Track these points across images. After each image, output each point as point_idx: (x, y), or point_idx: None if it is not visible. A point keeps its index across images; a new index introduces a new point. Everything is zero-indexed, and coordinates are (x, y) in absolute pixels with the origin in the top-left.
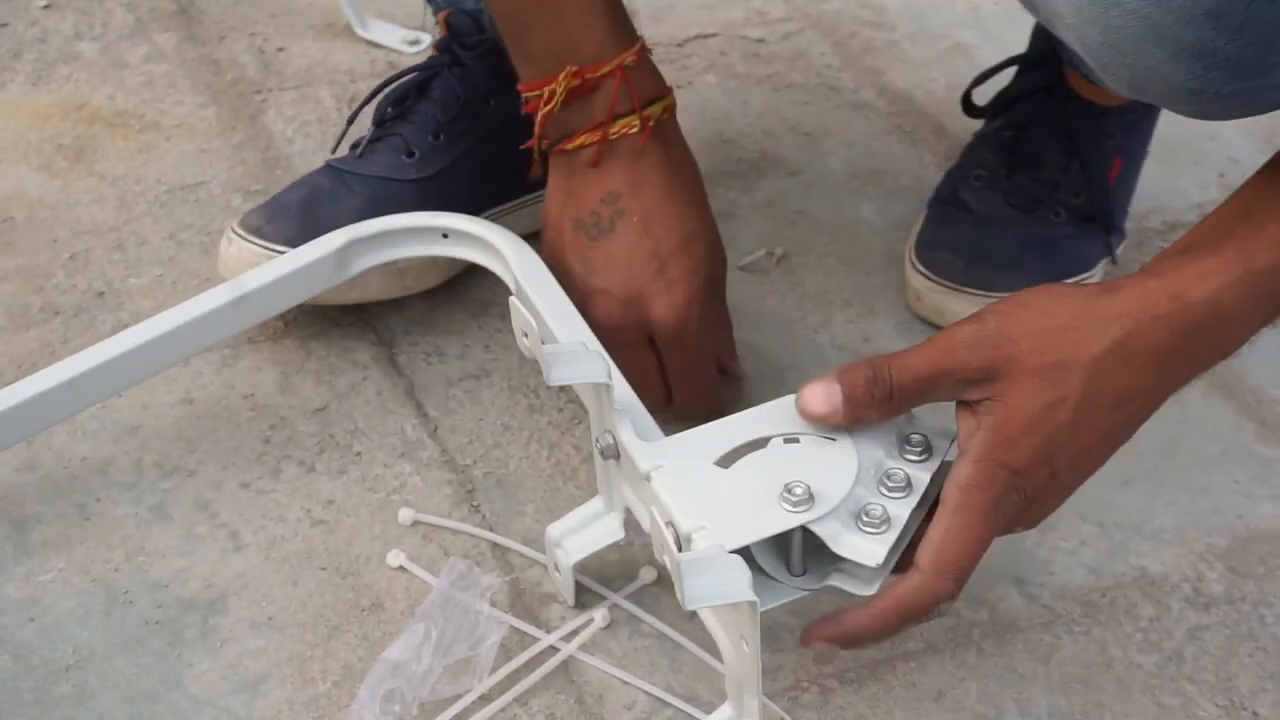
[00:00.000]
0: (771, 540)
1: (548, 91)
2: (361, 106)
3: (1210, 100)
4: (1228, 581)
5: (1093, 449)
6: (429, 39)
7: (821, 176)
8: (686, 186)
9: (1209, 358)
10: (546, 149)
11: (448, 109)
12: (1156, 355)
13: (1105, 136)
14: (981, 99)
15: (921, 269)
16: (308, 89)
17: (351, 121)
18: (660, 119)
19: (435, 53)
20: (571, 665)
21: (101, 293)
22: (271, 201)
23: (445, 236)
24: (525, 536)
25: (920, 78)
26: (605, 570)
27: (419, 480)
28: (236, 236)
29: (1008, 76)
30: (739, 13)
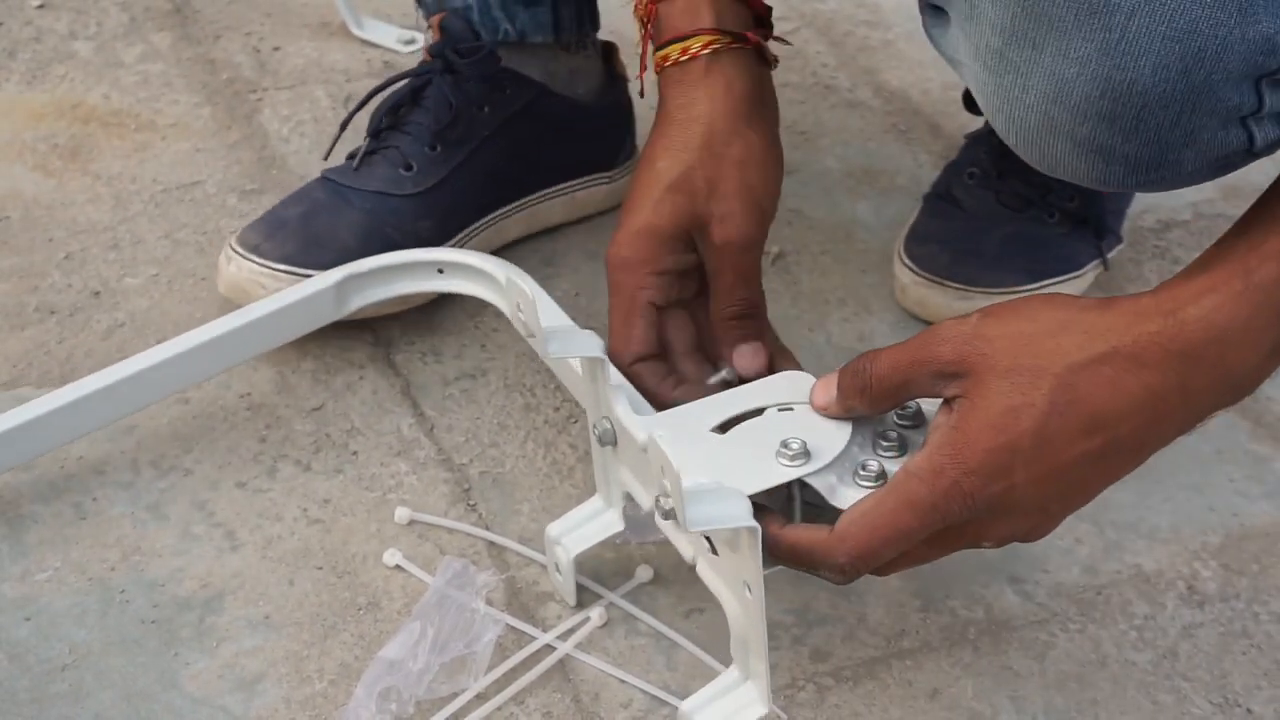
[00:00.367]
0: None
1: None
2: (354, 113)
3: (1118, 186)
4: (1222, 579)
5: (1063, 471)
6: (424, 39)
7: (817, 175)
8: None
9: (1210, 387)
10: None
11: (440, 118)
12: (1144, 374)
13: None
14: None
15: (908, 262)
16: (303, 88)
17: (344, 127)
18: (675, 62)
19: (428, 57)
20: (568, 664)
21: (97, 292)
22: (269, 216)
23: (440, 271)
24: (521, 535)
25: (916, 77)
26: (602, 569)
27: (415, 479)
28: (235, 254)
29: None
30: None
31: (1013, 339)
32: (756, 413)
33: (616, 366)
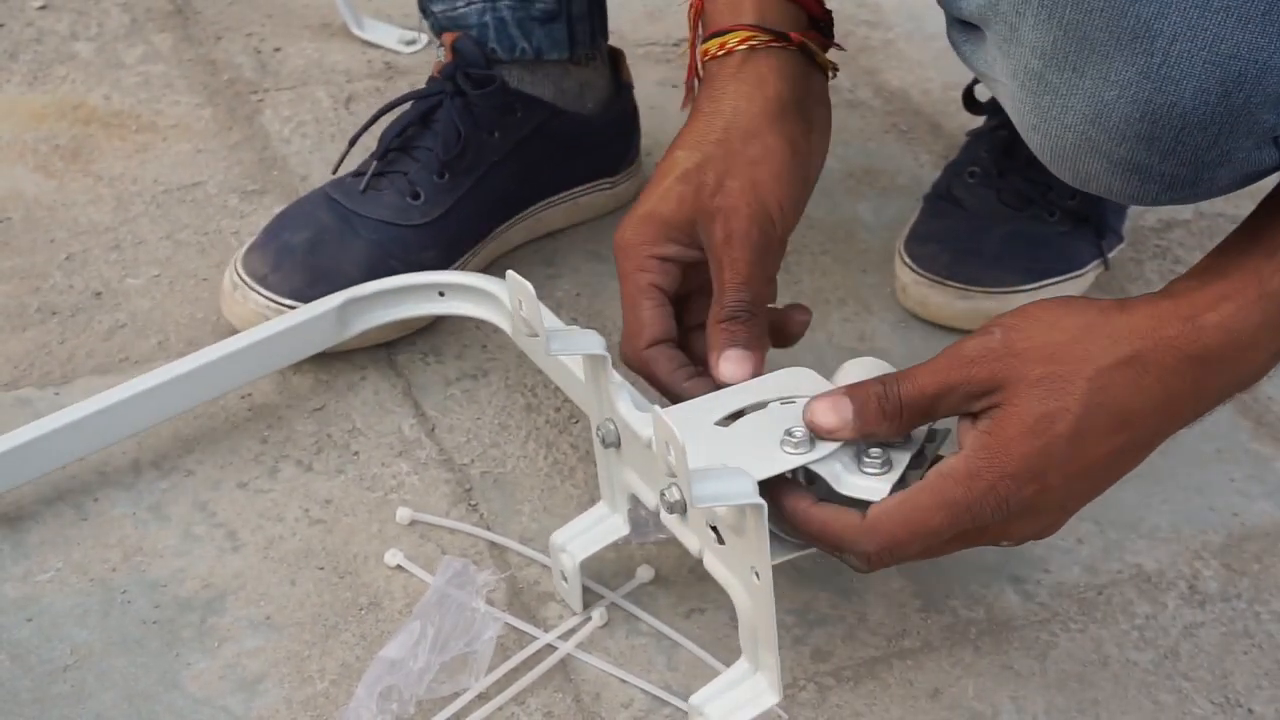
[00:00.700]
0: (772, 505)
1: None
2: (363, 130)
3: (1150, 202)
4: (1223, 579)
5: (1090, 470)
6: (425, 39)
7: None
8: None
9: (1220, 387)
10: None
11: (449, 146)
12: (1163, 376)
13: None
14: (984, 95)
15: (909, 262)
16: (304, 89)
17: (352, 144)
18: (715, 56)
19: (437, 74)
20: (569, 664)
21: (98, 293)
22: (275, 242)
23: (442, 294)
24: (523, 535)
25: (916, 77)
26: (602, 569)
27: (416, 479)
28: (241, 282)
29: None
30: None
31: (1041, 348)
32: (760, 407)
33: (630, 357)
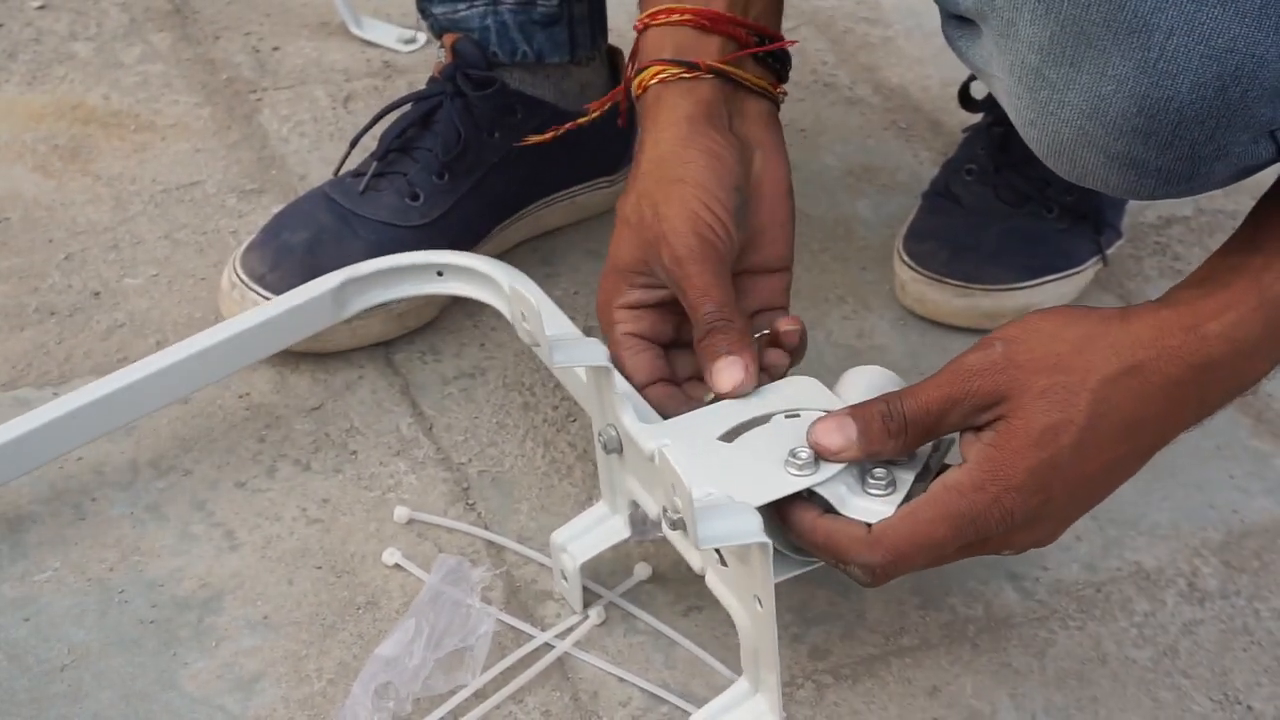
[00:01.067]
0: (778, 518)
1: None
2: (364, 131)
3: (1147, 196)
4: (1222, 576)
5: (1094, 478)
6: (424, 38)
7: (817, 173)
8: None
9: (1223, 394)
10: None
11: (449, 147)
12: (1166, 386)
13: None
14: (979, 92)
15: (907, 259)
16: (303, 88)
17: (353, 145)
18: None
19: (437, 75)
20: (566, 662)
21: (97, 293)
22: (273, 240)
23: (440, 274)
24: (520, 534)
25: (916, 74)
26: (600, 568)
27: (414, 478)
28: (239, 282)
29: None
30: None
31: (1043, 360)
32: (763, 419)
33: None
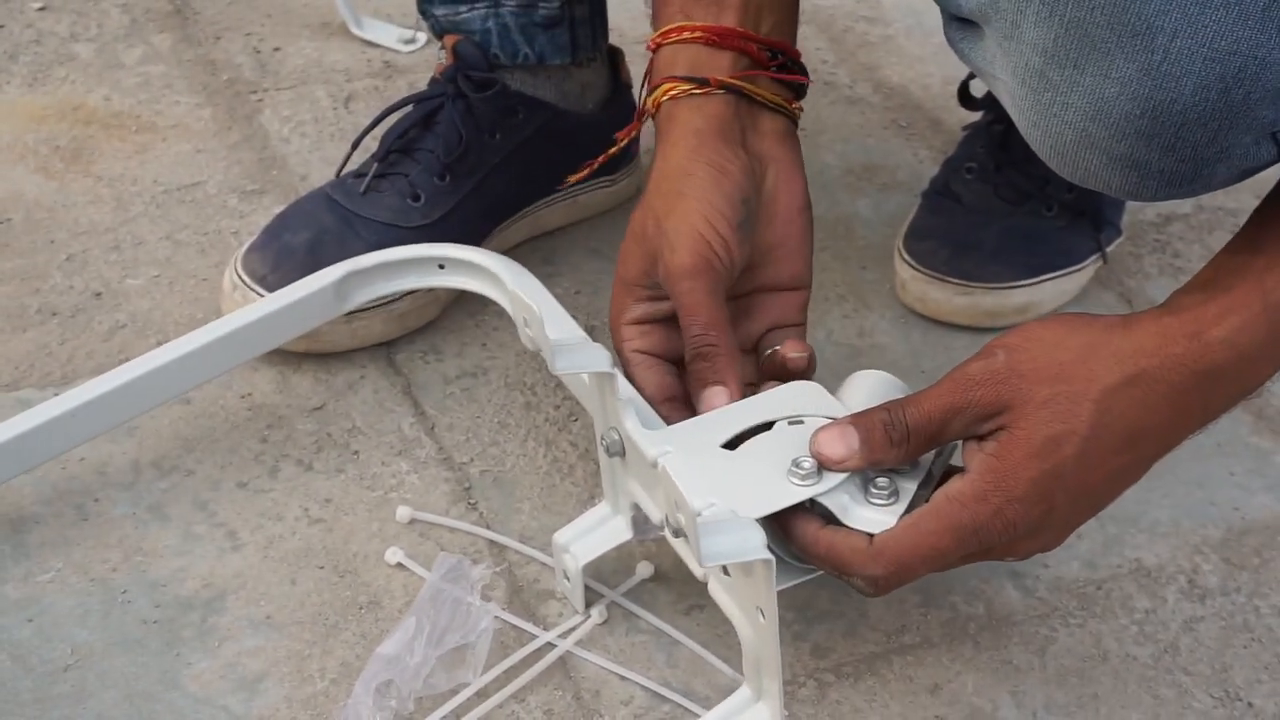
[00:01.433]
0: (780, 527)
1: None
2: (365, 132)
3: (1149, 198)
4: (1223, 573)
5: (1097, 487)
6: (424, 38)
7: (817, 172)
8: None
9: (1227, 398)
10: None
11: (450, 148)
12: (1170, 394)
13: None
14: (979, 90)
15: (907, 258)
16: (303, 88)
17: (355, 147)
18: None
19: (438, 76)
20: (568, 661)
21: (99, 293)
22: (275, 242)
23: (441, 267)
24: (522, 533)
25: (916, 73)
26: (602, 567)
27: (416, 478)
28: (241, 282)
29: None
30: None
31: (1045, 370)
32: (766, 426)
33: None
